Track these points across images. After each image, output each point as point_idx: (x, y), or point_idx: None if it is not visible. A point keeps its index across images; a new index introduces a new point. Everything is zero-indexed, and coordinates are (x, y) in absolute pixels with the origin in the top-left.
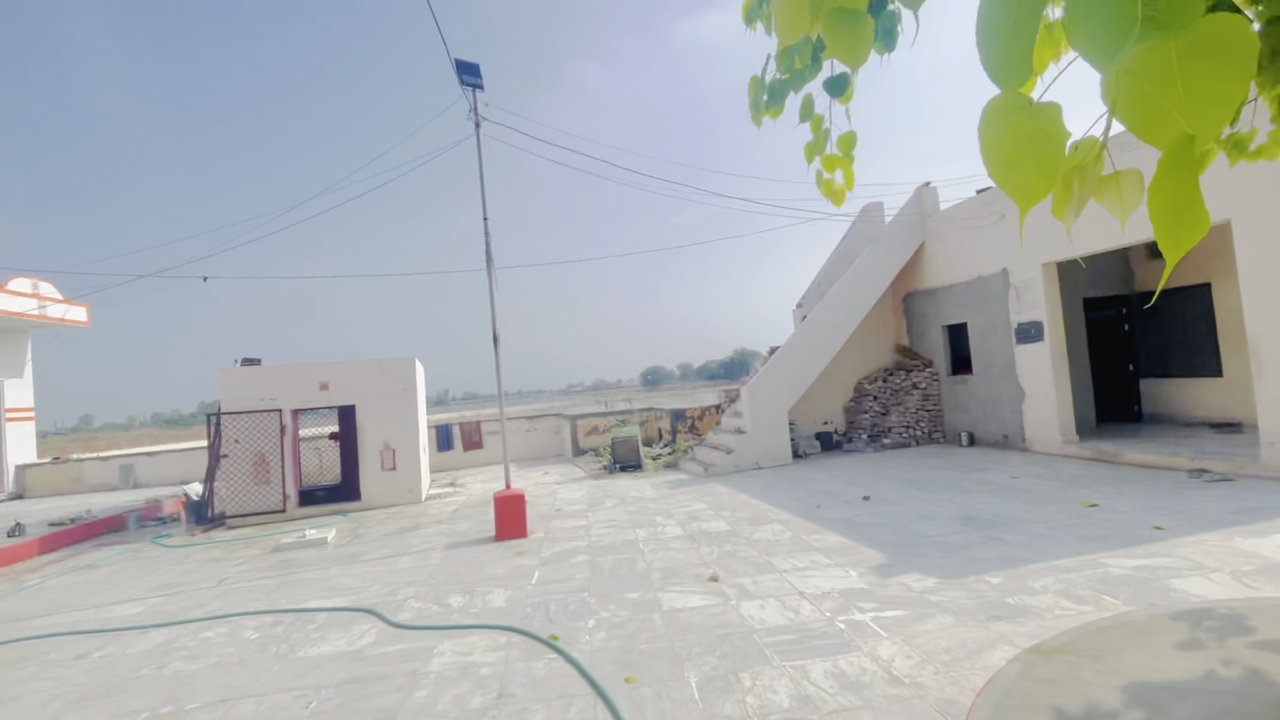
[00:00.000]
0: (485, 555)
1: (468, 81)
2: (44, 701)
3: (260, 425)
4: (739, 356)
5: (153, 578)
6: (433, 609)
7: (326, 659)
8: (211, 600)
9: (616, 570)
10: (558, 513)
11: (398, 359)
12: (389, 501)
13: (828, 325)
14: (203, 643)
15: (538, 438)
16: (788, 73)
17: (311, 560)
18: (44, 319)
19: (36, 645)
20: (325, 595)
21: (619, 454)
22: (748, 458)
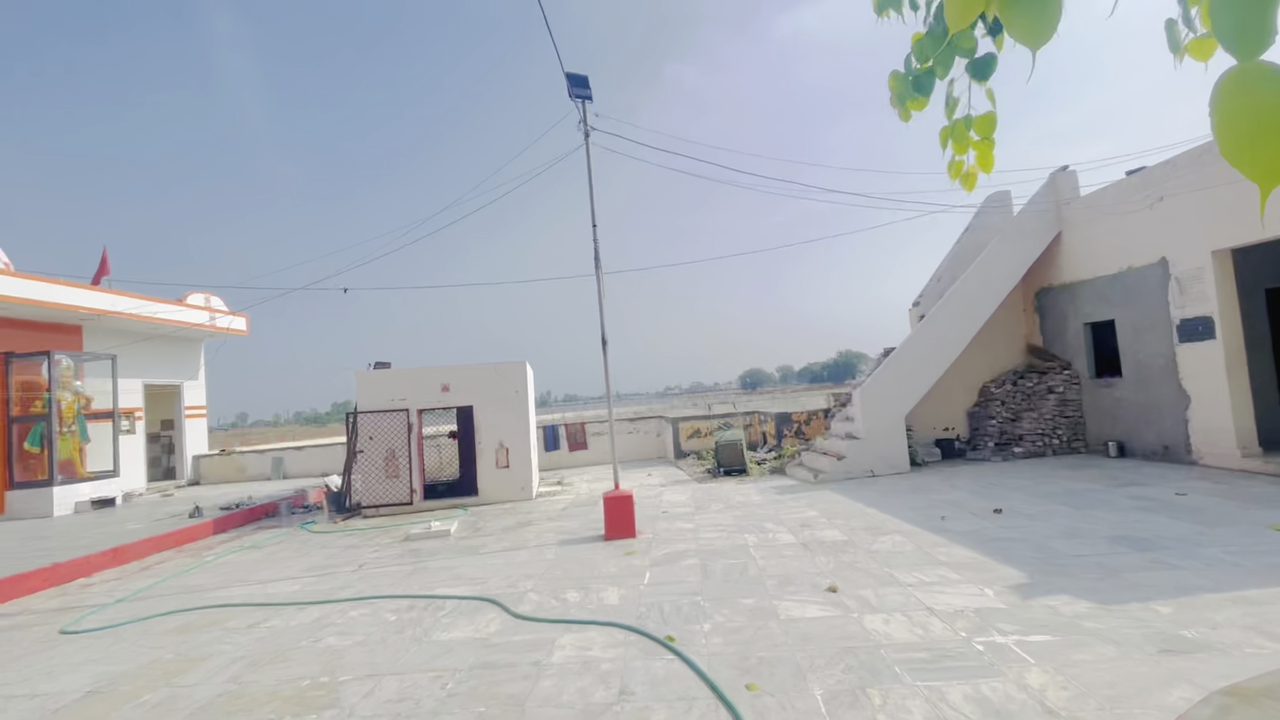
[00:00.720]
0: (596, 553)
1: (578, 94)
2: (227, 663)
3: (390, 423)
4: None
5: (304, 559)
6: (551, 602)
7: (458, 644)
8: (355, 582)
9: (728, 575)
10: (664, 515)
11: (510, 362)
12: (503, 497)
13: (949, 324)
14: (350, 621)
15: (639, 440)
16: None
17: (437, 550)
18: (214, 329)
19: (218, 613)
20: (452, 584)
21: (723, 458)
22: (861, 464)
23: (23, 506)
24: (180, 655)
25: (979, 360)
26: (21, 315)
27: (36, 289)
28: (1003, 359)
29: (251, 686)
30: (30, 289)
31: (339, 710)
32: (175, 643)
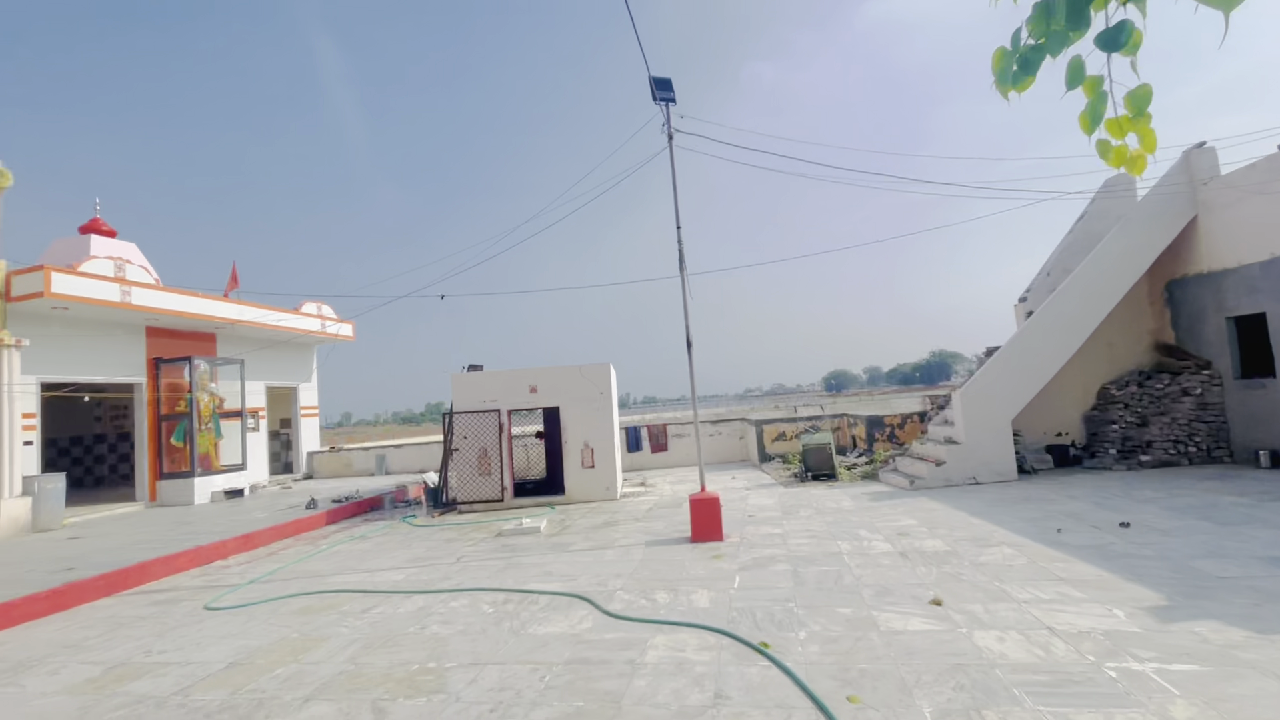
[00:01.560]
0: (684, 555)
1: (662, 96)
2: (345, 644)
3: (483, 423)
4: (937, 359)
5: (407, 551)
6: (641, 602)
7: (553, 638)
8: (454, 574)
9: (822, 583)
10: (750, 519)
11: (595, 364)
12: (588, 497)
13: (1062, 321)
14: (451, 611)
15: (722, 442)
16: (1044, 36)
17: (529, 546)
18: (325, 335)
19: (334, 598)
20: (544, 580)
21: (810, 462)
22: (961, 471)
23: (170, 495)
24: (304, 635)
25: (1097, 359)
26: (168, 325)
27: (181, 301)
28: (1125, 358)
29: (367, 668)
30: (176, 301)
31: (446, 695)
32: (299, 623)
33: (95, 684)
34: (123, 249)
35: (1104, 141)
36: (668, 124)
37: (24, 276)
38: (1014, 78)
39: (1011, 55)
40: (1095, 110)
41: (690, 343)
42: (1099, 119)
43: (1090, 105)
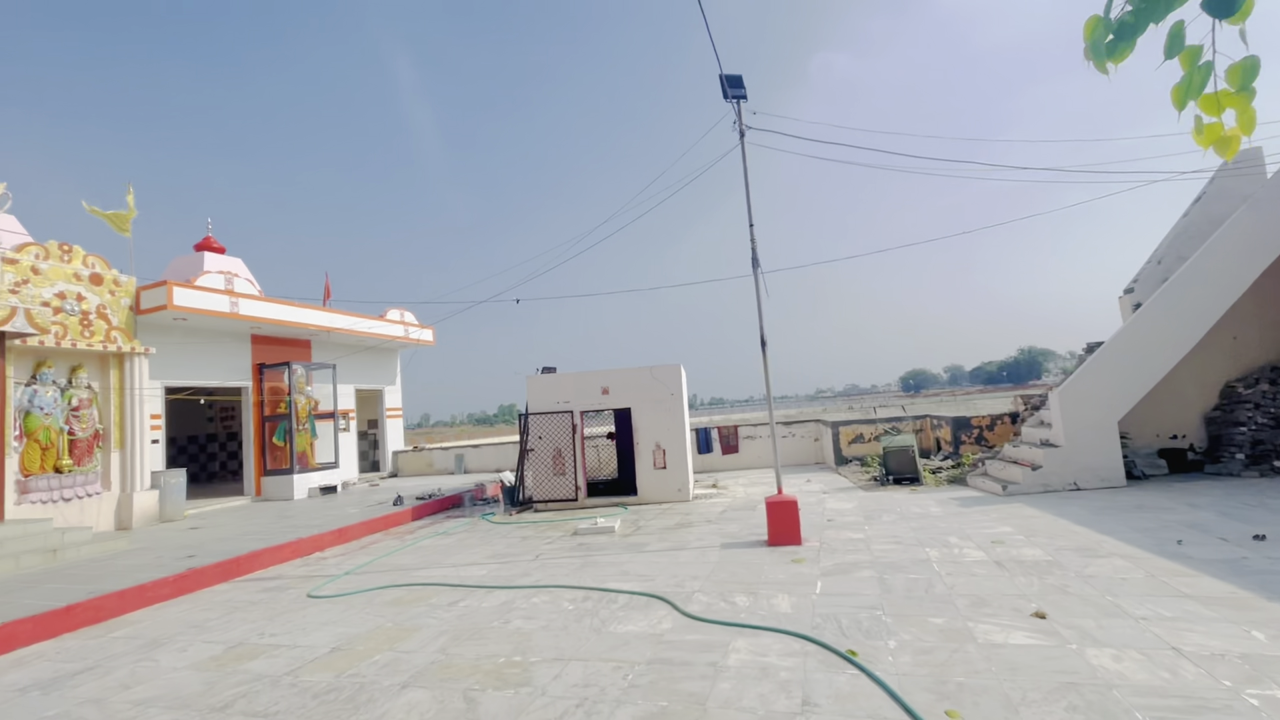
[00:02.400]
0: (761, 558)
1: (734, 94)
2: (435, 635)
3: (557, 424)
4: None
5: (487, 547)
6: (720, 605)
7: (634, 637)
8: (533, 571)
9: (911, 591)
10: (830, 523)
11: (665, 365)
12: (660, 498)
13: (1178, 312)
14: (533, 607)
15: (796, 444)
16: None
17: (604, 546)
18: (408, 340)
19: (423, 590)
20: (620, 579)
21: (891, 465)
22: (1060, 476)
23: (273, 490)
24: (397, 625)
25: (1220, 354)
26: (270, 333)
27: (281, 311)
28: (1254, 353)
29: (457, 658)
30: (277, 311)
31: (532, 689)
32: (392, 613)
33: (218, 661)
34: (231, 264)
35: (1197, 118)
36: (739, 121)
37: (150, 291)
38: (1109, 48)
39: (1106, 23)
40: (1192, 83)
41: (765, 341)
42: (1196, 93)
43: (1186, 78)
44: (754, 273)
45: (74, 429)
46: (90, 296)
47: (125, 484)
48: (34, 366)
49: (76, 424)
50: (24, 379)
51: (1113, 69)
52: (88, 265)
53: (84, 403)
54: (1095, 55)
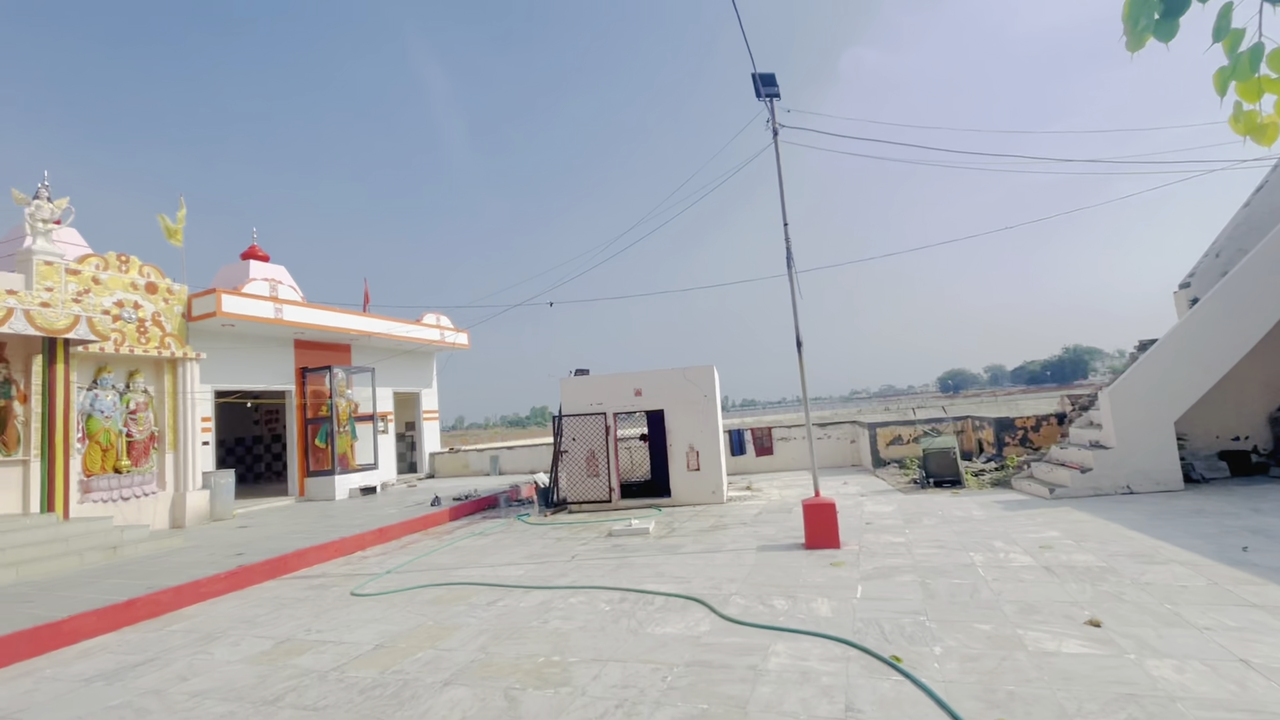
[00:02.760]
0: (799, 561)
1: (766, 92)
2: (475, 634)
3: (590, 426)
4: (1071, 355)
5: (524, 548)
6: (758, 608)
7: (671, 639)
8: (569, 571)
9: (955, 596)
10: (868, 526)
11: (698, 367)
12: (694, 500)
13: (1240, 307)
14: (570, 607)
15: (832, 446)
16: None
17: (639, 547)
18: (443, 344)
19: (462, 590)
20: (656, 580)
21: (932, 467)
22: (1112, 479)
23: (315, 490)
24: (438, 623)
25: None
26: (312, 338)
27: (323, 316)
28: None
29: (497, 657)
30: (319, 317)
31: (572, 689)
32: (433, 612)
33: (268, 656)
34: (275, 271)
35: (1236, 104)
36: (772, 119)
37: (201, 299)
38: (1155, 27)
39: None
40: (1237, 67)
41: (800, 342)
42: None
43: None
44: (789, 273)
45: (132, 431)
46: (146, 304)
47: (179, 484)
48: (95, 372)
49: (134, 426)
50: (86, 384)
51: (1164, 48)
52: (143, 275)
53: (141, 406)
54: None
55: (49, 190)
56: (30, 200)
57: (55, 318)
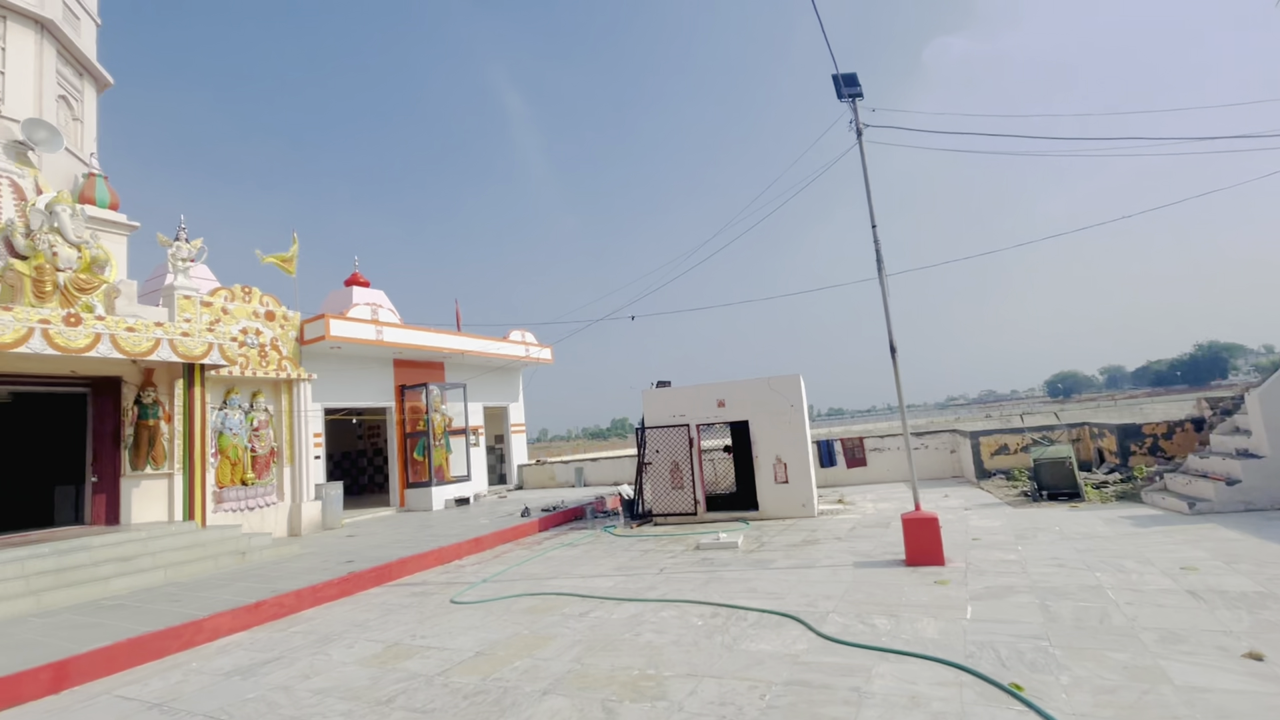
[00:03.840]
0: (900, 579)
1: (849, 93)
2: (569, 645)
3: (673, 438)
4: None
5: (612, 560)
6: (858, 627)
7: (767, 657)
8: (659, 585)
9: (1082, 620)
10: (975, 542)
11: (783, 376)
12: (783, 513)
13: None
14: (662, 621)
15: (930, 456)
16: None
17: (728, 561)
18: (528, 359)
19: (554, 600)
20: (748, 596)
21: (1045, 478)
22: (1266, 492)
23: (414, 501)
24: (533, 632)
25: None
26: (409, 357)
27: (419, 336)
28: None
29: (592, 668)
30: (415, 337)
31: (668, 704)
32: (528, 621)
33: (379, 659)
34: (375, 296)
35: None
36: (856, 119)
37: (311, 324)
38: None
39: None
40: None
41: (894, 348)
42: None
43: None
44: (879, 276)
45: (255, 447)
46: (266, 331)
47: (295, 495)
48: (225, 393)
49: (257, 442)
50: (217, 404)
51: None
52: (263, 304)
53: (263, 423)
54: None
55: (186, 232)
56: (171, 242)
57: (193, 345)
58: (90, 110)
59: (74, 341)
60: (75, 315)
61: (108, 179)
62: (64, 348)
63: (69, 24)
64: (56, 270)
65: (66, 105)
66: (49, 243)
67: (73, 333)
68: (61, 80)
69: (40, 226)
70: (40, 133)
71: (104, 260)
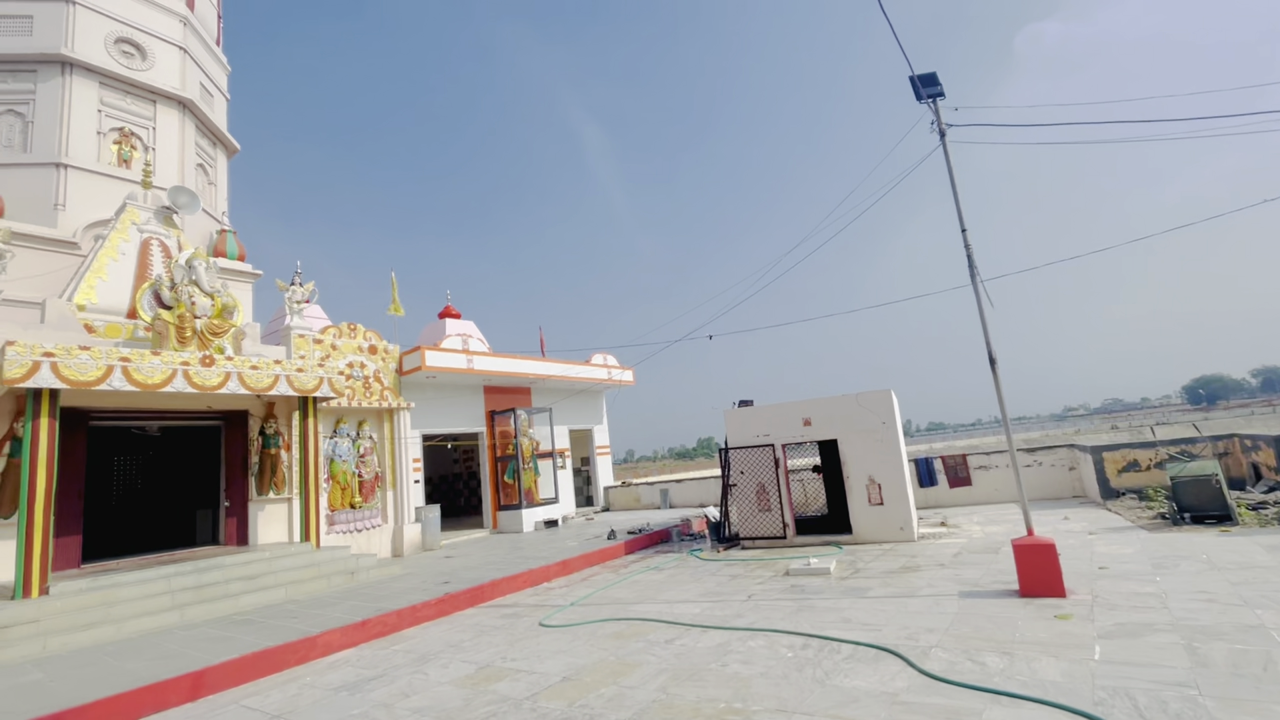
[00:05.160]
0: (1013, 612)
1: (928, 94)
2: (654, 673)
3: (758, 458)
4: None
5: (698, 585)
6: (965, 664)
7: (864, 694)
8: (746, 612)
9: (1241, 667)
10: (1103, 571)
11: (873, 391)
12: (879, 537)
13: None
14: (749, 651)
15: (1044, 474)
16: None
17: (820, 589)
18: (611, 382)
19: (640, 626)
20: (842, 626)
21: (1186, 498)
22: None
23: (506, 523)
24: (619, 659)
25: None
26: (498, 383)
27: (507, 364)
28: None
29: (677, 699)
30: (503, 364)
31: None
32: (614, 647)
33: (472, 680)
34: (466, 326)
35: None
36: (937, 120)
37: (409, 355)
38: None
39: None
40: None
41: (994, 359)
42: None
43: None
44: (973, 282)
45: (362, 472)
46: (369, 364)
47: (397, 518)
48: (334, 423)
49: (363, 468)
50: (328, 433)
51: None
52: (366, 339)
53: (368, 450)
54: None
55: (300, 276)
56: (288, 286)
57: (306, 380)
58: (222, 174)
59: (209, 380)
60: (209, 357)
61: (236, 233)
62: (200, 386)
63: (205, 102)
64: (194, 317)
65: (203, 172)
66: (189, 294)
67: (208, 372)
68: (199, 150)
69: (182, 280)
70: (183, 198)
71: (233, 307)
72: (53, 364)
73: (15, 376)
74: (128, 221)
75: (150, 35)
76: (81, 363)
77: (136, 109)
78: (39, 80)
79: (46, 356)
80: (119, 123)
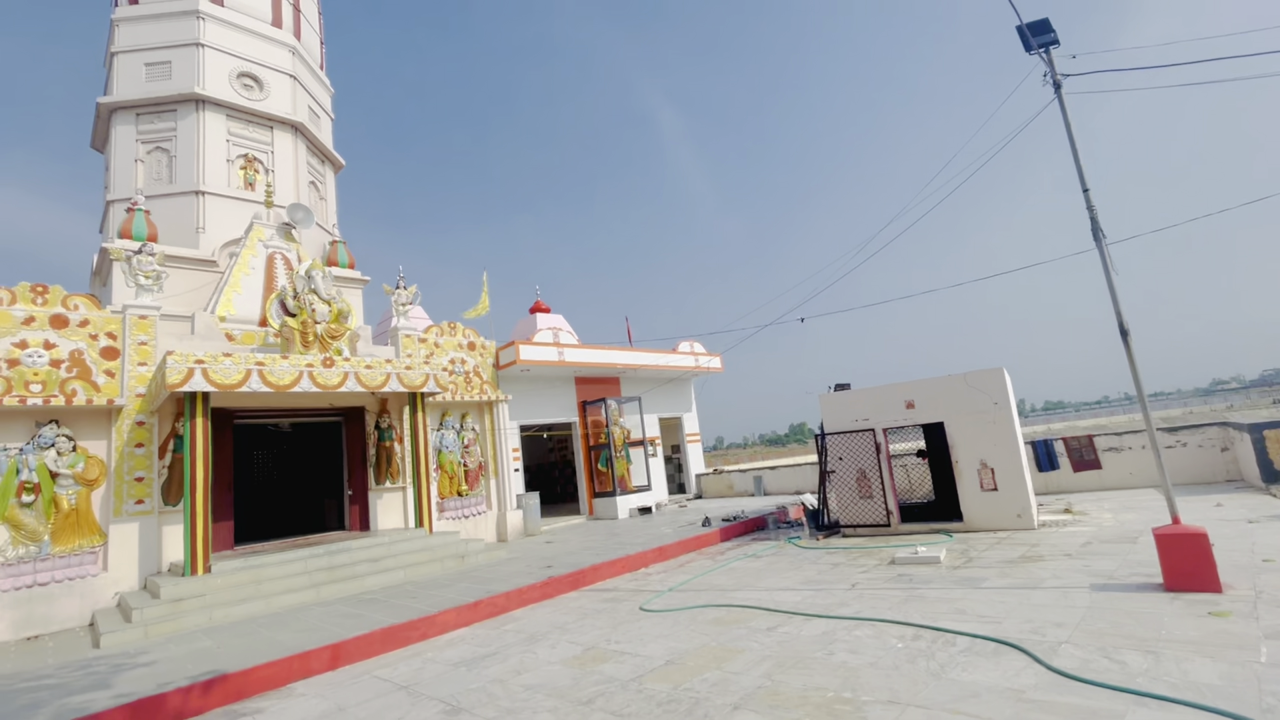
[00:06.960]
0: (1157, 607)
1: (1039, 43)
2: (758, 660)
3: (857, 444)
4: None
5: (798, 572)
6: (1101, 663)
7: (984, 689)
8: (850, 601)
9: None
10: (1268, 564)
11: (983, 370)
12: (993, 525)
13: None
14: (856, 640)
15: (1189, 455)
16: None
17: (929, 578)
18: (699, 369)
19: (740, 612)
20: (956, 618)
21: None
22: None
23: (601, 510)
24: (720, 645)
25: None
26: (588, 374)
27: (595, 355)
28: None
29: (783, 686)
30: (592, 355)
31: None
32: (715, 632)
33: (579, 660)
34: (556, 320)
35: None
36: (1051, 72)
37: (504, 350)
38: None
39: None
40: None
41: (1125, 330)
42: None
43: None
44: (1098, 247)
45: (467, 462)
46: (469, 359)
47: (500, 504)
48: (440, 416)
49: (468, 458)
50: (435, 426)
51: None
52: (465, 336)
53: (471, 441)
54: None
55: (404, 280)
56: (393, 290)
57: (414, 377)
58: (330, 189)
59: (330, 380)
60: (330, 359)
61: (346, 244)
62: (323, 385)
63: (313, 123)
64: (315, 323)
65: (315, 188)
66: (309, 301)
67: (328, 373)
68: (311, 169)
69: (303, 289)
70: (299, 214)
71: (347, 311)
72: (203, 370)
73: (175, 381)
74: (255, 239)
75: (265, 67)
76: (225, 368)
77: (257, 135)
78: (178, 118)
79: (198, 363)
80: (243, 149)
